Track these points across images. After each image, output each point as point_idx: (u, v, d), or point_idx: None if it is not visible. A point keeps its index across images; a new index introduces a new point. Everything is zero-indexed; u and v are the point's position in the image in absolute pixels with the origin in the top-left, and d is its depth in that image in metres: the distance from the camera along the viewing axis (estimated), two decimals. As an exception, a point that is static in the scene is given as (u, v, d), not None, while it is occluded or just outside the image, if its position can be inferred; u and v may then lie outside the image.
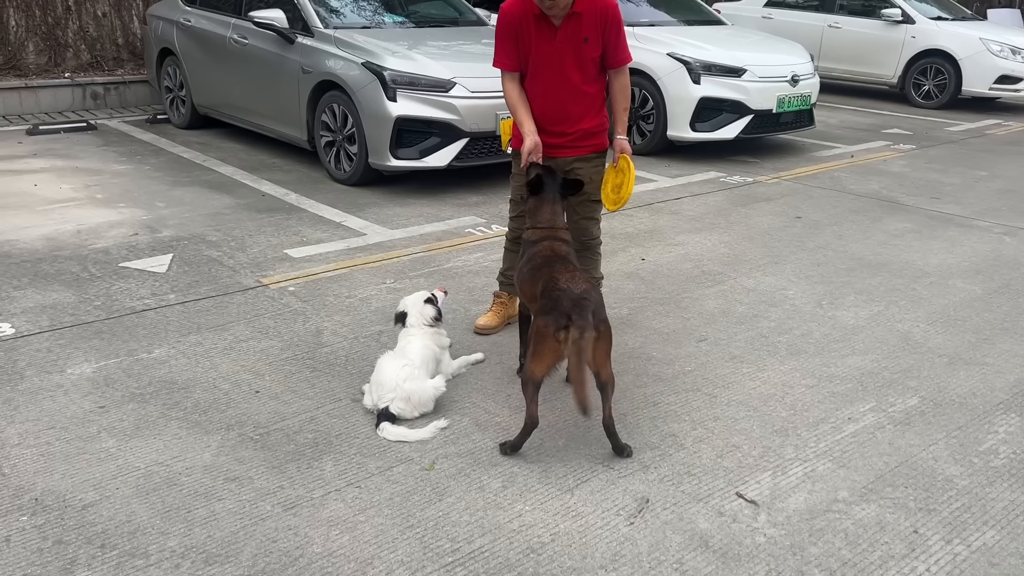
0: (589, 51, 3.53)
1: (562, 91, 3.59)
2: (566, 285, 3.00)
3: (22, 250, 5.11)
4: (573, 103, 3.62)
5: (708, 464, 3.08)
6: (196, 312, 4.30)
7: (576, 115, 3.64)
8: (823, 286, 4.89)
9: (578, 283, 3.01)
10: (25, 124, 8.69)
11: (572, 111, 3.63)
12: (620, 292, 4.72)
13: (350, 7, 7.35)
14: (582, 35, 3.50)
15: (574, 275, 3.07)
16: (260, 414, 3.35)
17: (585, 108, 3.65)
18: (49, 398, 3.42)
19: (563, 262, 3.19)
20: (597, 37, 3.51)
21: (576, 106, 3.63)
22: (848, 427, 3.37)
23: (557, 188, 3.45)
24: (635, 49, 7.99)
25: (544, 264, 3.21)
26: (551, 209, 3.42)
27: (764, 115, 7.89)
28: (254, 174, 7.02)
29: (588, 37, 3.51)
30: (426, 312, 3.55)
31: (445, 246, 5.38)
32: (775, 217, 6.25)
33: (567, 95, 3.60)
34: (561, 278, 3.05)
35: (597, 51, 3.55)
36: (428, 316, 3.55)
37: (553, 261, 3.20)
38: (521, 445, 3.08)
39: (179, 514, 2.72)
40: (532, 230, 3.44)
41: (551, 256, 3.24)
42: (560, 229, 3.42)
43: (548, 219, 3.41)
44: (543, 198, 3.43)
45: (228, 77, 7.79)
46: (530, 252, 3.37)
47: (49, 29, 9.81)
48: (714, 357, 3.96)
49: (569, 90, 3.59)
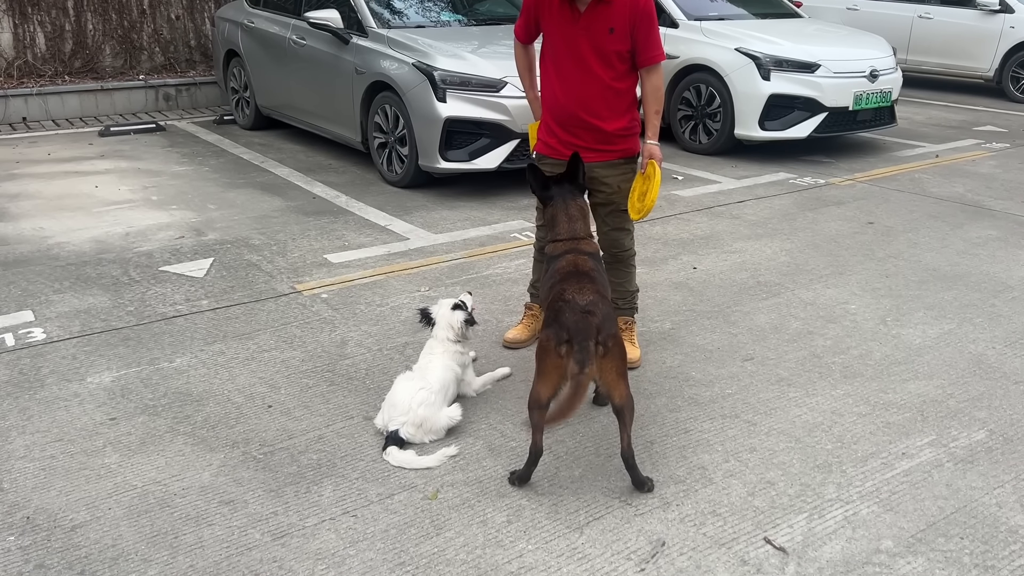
0: (614, 43, 3.28)
1: (583, 83, 3.35)
2: (571, 296, 2.78)
3: (70, 252, 5.16)
4: (596, 99, 3.37)
5: (737, 503, 2.80)
6: (225, 319, 4.23)
7: (600, 113, 3.38)
8: (890, 300, 4.50)
9: (585, 294, 2.79)
10: (99, 126, 8.90)
11: (596, 108, 3.37)
12: (665, 304, 4.45)
13: (407, 6, 7.24)
14: (608, 25, 3.25)
15: (582, 287, 2.84)
16: (268, 431, 3.23)
17: (611, 107, 3.39)
18: (63, 408, 3.38)
19: (579, 277, 2.94)
20: (625, 30, 3.26)
21: (599, 102, 3.37)
22: (901, 464, 3.03)
23: (569, 192, 3.19)
24: (702, 44, 7.79)
25: (562, 280, 2.98)
26: (566, 216, 3.17)
27: (839, 113, 7.42)
28: (308, 176, 6.98)
29: (615, 28, 3.26)
30: (455, 319, 3.35)
31: (487, 252, 5.19)
32: (845, 222, 5.84)
33: (589, 89, 3.35)
34: (568, 289, 2.84)
35: (624, 45, 3.29)
36: (457, 323, 3.34)
37: (570, 276, 2.95)
38: (529, 476, 2.87)
39: (165, 540, 2.61)
40: (552, 243, 3.21)
41: (571, 272, 3.00)
42: (582, 240, 3.15)
43: (566, 229, 3.16)
44: (557, 206, 3.19)
45: (288, 78, 7.79)
46: (552, 268, 3.13)
47: (125, 32, 10.06)
48: (759, 379, 3.66)
49: (591, 83, 3.34)
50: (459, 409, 3.21)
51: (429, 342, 3.39)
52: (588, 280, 2.92)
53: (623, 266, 3.71)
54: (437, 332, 3.35)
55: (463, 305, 3.40)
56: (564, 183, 3.20)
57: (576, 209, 3.18)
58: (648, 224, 5.75)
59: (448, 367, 3.28)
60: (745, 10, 8.48)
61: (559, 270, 3.05)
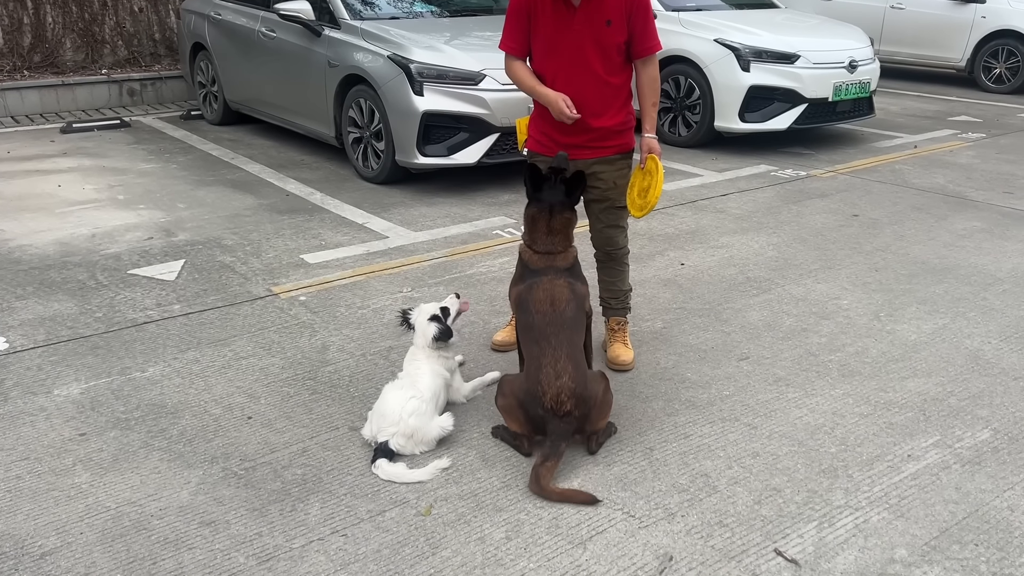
0: (612, 36, 3.15)
1: (581, 81, 3.21)
2: (547, 372, 2.86)
3: (32, 256, 4.93)
4: (594, 96, 3.23)
5: (743, 512, 2.70)
6: (199, 325, 4.05)
7: (597, 110, 3.25)
8: (881, 295, 4.43)
9: (562, 375, 2.84)
10: (61, 122, 8.61)
11: (592, 105, 3.23)
12: (655, 302, 4.33)
13: (379, -4, 7.05)
14: (604, 17, 3.12)
15: (558, 352, 2.86)
16: (249, 444, 3.07)
17: (607, 102, 3.26)
18: (29, 423, 3.19)
19: (556, 330, 2.90)
20: (621, 20, 3.13)
21: (597, 99, 3.24)
22: (908, 467, 2.94)
23: (559, 202, 3.05)
24: (680, 35, 7.67)
25: (537, 319, 2.93)
26: (547, 228, 3.04)
27: (819, 104, 7.35)
28: (281, 172, 6.78)
29: (611, 20, 3.12)
30: (428, 333, 3.20)
31: (470, 250, 5.04)
32: (829, 215, 5.77)
33: (587, 86, 3.21)
34: (545, 351, 2.86)
35: (621, 37, 3.16)
36: (428, 336, 3.19)
37: (545, 327, 2.91)
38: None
39: (142, 566, 2.45)
40: (528, 251, 3.08)
41: (545, 314, 2.93)
42: (558, 255, 3.05)
43: (544, 241, 3.05)
44: (541, 212, 3.05)
45: (257, 72, 7.56)
46: (526, 286, 3.02)
47: (86, 25, 9.74)
48: (756, 379, 3.56)
49: (589, 80, 3.21)
50: (451, 418, 3.07)
51: (411, 348, 3.24)
52: (565, 335, 2.90)
53: (616, 264, 3.59)
54: (416, 340, 3.21)
55: (440, 317, 3.23)
56: (559, 189, 3.05)
57: (560, 222, 3.06)
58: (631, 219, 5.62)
59: (437, 373, 3.14)
60: (722, 1, 8.39)
61: (533, 301, 2.97)
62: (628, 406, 3.31)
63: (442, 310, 3.28)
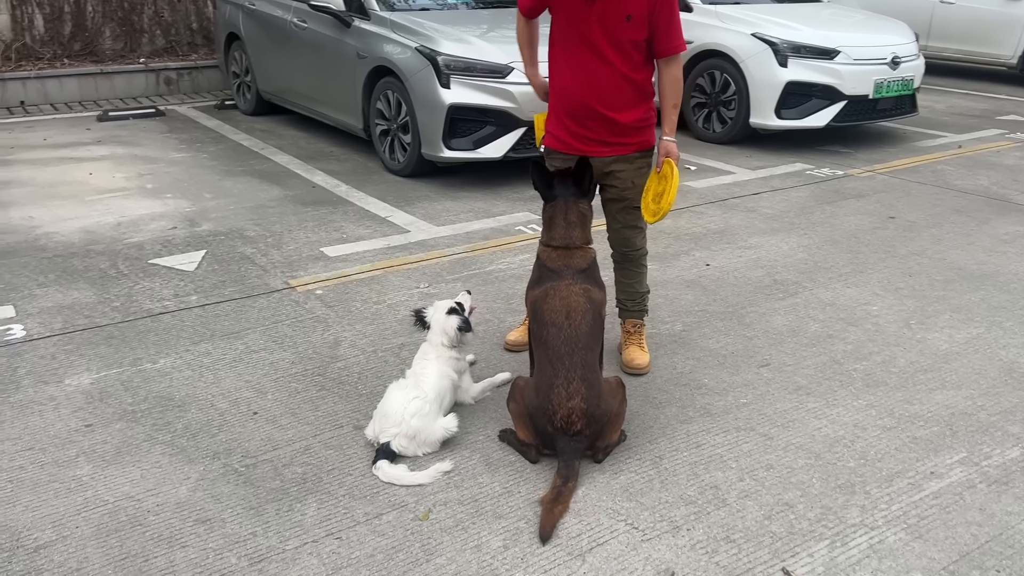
0: (631, 32, 3.04)
1: (595, 73, 3.11)
2: (559, 391, 2.77)
3: (58, 243, 4.97)
4: (610, 89, 3.13)
5: (752, 527, 2.59)
6: (214, 317, 4.04)
7: (614, 103, 3.15)
8: (913, 301, 4.26)
9: (574, 396, 2.74)
10: (98, 110, 8.70)
11: (608, 97, 3.13)
12: (676, 303, 4.22)
13: (410, -13, 6.99)
14: (625, 12, 3.01)
15: (572, 369, 2.77)
16: (252, 440, 3.03)
17: (626, 97, 3.15)
18: (38, 413, 3.20)
19: (571, 345, 2.80)
20: (643, 17, 3.02)
21: (614, 93, 3.14)
22: (930, 484, 2.81)
23: (572, 196, 2.99)
24: (717, 29, 7.50)
25: (552, 335, 2.84)
26: (564, 221, 2.97)
27: (859, 101, 7.14)
28: (309, 164, 6.77)
29: (632, 15, 3.02)
30: (449, 325, 3.14)
31: (491, 246, 4.97)
32: (864, 216, 5.59)
33: (602, 79, 3.12)
34: (559, 377, 2.77)
35: (642, 34, 3.05)
36: (451, 329, 3.13)
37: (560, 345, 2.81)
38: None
39: (134, 563, 2.42)
40: (545, 247, 3.00)
41: (560, 329, 2.83)
42: (577, 250, 2.97)
43: (562, 235, 2.97)
44: (556, 208, 2.99)
45: (289, 62, 7.56)
46: (541, 291, 2.94)
47: (125, 14, 9.83)
48: (776, 387, 3.44)
49: (605, 73, 3.11)
50: (455, 420, 3.00)
51: (423, 346, 3.18)
52: (580, 356, 2.80)
53: (633, 266, 3.49)
54: (431, 337, 3.14)
55: (459, 308, 3.18)
56: (569, 184, 2.98)
57: (576, 215, 2.98)
58: (659, 217, 5.52)
59: (444, 374, 3.07)
60: (763, -7, 8.20)
61: (550, 306, 2.88)
62: (640, 412, 3.22)
63: (457, 305, 3.22)
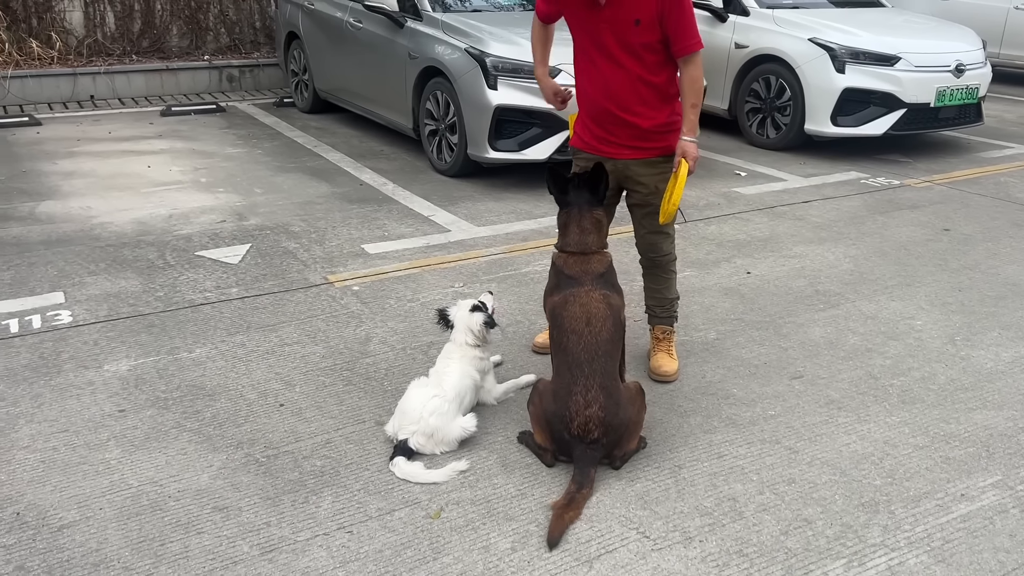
0: (640, 36, 3.01)
1: (610, 77, 3.11)
2: (577, 400, 2.74)
3: (111, 233, 5.13)
4: (626, 93, 3.11)
5: (767, 542, 2.54)
6: (252, 309, 4.12)
7: (634, 108, 3.13)
8: (961, 317, 4.12)
9: (592, 404, 2.72)
10: (162, 105, 8.96)
11: (627, 103, 3.12)
12: (712, 311, 4.16)
13: (465, -12, 7.03)
14: (633, 16, 2.98)
15: (590, 379, 2.74)
16: (276, 432, 3.09)
17: (645, 101, 3.12)
18: (75, 396, 3.30)
19: (590, 356, 2.78)
20: (653, 20, 2.98)
21: (631, 96, 3.11)
22: (959, 507, 2.71)
23: (586, 202, 2.97)
24: (773, 33, 7.37)
25: (572, 342, 2.81)
26: (578, 228, 2.96)
27: (920, 109, 6.93)
28: (358, 162, 6.86)
29: (640, 19, 2.99)
30: (473, 322, 3.14)
31: (529, 247, 4.97)
32: (918, 228, 5.43)
33: (617, 82, 3.10)
34: (577, 384, 2.75)
35: (654, 36, 3.01)
36: (476, 326, 3.13)
37: (579, 352, 2.79)
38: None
39: (151, 547, 2.48)
40: (561, 255, 2.99)
41: (580, 336, 2.81)
42: (593, 255, 2.95)
43: (577, 241, 2.96)
44: (571, 214, 2.97)
45: (344, 61, 7.68)
46: (561, 298, 2.92)
47: (192, 13, 10.11)
48: (807, 400, 3.36)
49: (620, 77, 3.09)
50: (474, 420, 3.00)
51: (447, 346, 3.19)
52: (599, 363, 2.78)
53: (661, 271, 3.45)
54: (455, 336, 3.16)
55: (482, 306, 3.18)
56: (584, 189, 2.97)
57: (590, 221, 2.97)
58: (703, 223, 5.46)
59: (466, 373, 3.08)
60: (824, -2, 8.04)
61: (571, 317, 2.86)
62: (663, 420, 3.18)
63: (480, 304, 3.22)
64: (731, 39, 7.53)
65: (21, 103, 8.77)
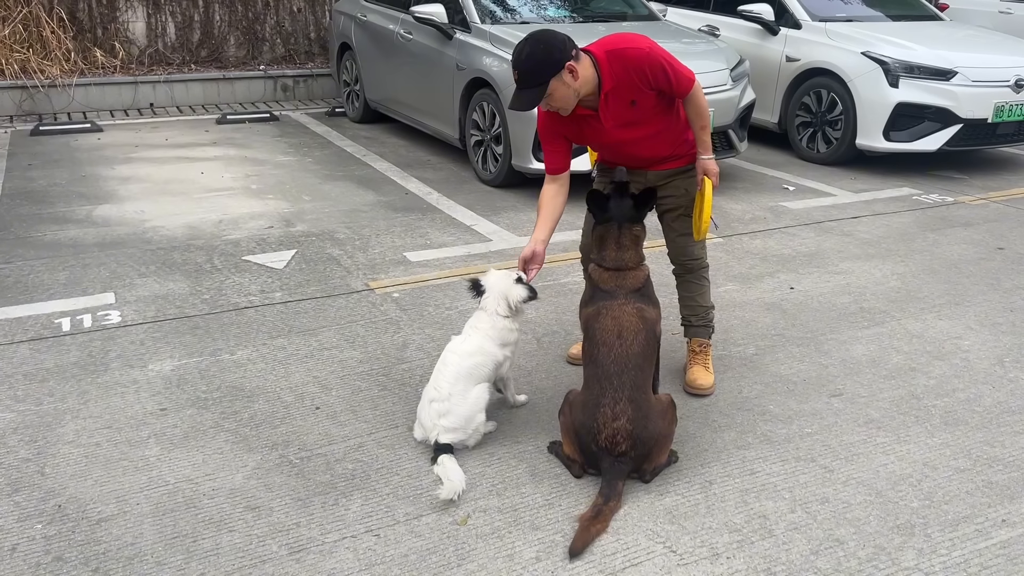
0: (642, 107, 3.06)
1: (628, 158, 3.23)
2: (605, 412, 2.74)
3: (163, 237, 5.27)
4: (644, 151, 3.24)
5: (796, 561, 2.50)
6: (294, 313, 4.19)
7: (653, 157, 3.28)
8: (1011, 338, 4.01)
9: (620, 416, 2.71)
10: (218, 113, 9.18)
11: (646, 157, 3.27)
12: (752, 326, 4.11)
13: (515, 1, 7.08)
14: (627, 100, 3.02)
15: (619, 392, 2.73)
16: (310, 434, 3.14)
17: (661, 146, 3.24)
18: (120, 394, 3.40)
19: (620, 369, 2.77)
20: (644, 91, 3.00)
21: (648, 152, 3.25)
22: (999, 533, 2.64)
23: (627, 218, 2.97)
24: (825, 47, 7.28)
25: (603, 354, 2.81)
26: (616, 244, 2.96)
27: (976, 125, 6.77)
28: (405, 171, 6.94)
29: (635, 100, 3.03)
30: (514, 294, 3.08)
31: (568, 258, 4.97)
32: (970, 246, 5.30)
33: (634, 156, 3.24)
34: (606, 397, 2.74)
35: (651, 100, 3.05)
36: (516, 298, 3.09)
37: (610, 365, 2.79)
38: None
39: (183, 543, 2.54)
40: (598, 269, 3.00)
41: (611, 348, 2.81)
42: (629, 272, 2.95)
43: (614, 257, 2.96)
44: (609, 228, 2.97)
45: (394, 72, 7.79)
46: (594, 310, 2.93)
47: (249, 24, 10.35)
48: (845, 418, 3.30)
49: (635, 151, 3.22)
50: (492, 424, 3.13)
51: (477, 313, 3.15)
52: (629, 376, 2.77)
53: (694, 278, 3.44)
54: (486, 304, 3.11)
55: (523, 279, 3.17)
56: (625, 203, 2.97)
57: (629, 238, 2.98)
58: (748, 236, 5.40)
59: (480, 349, 3.03)
60: (879, 11, 7.90)
61: (604, 330, 2.86)
62: (696, 434, 3.15)
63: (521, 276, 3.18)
64: (782, 52, 7.46)
65: (84, 110, 9.07)
